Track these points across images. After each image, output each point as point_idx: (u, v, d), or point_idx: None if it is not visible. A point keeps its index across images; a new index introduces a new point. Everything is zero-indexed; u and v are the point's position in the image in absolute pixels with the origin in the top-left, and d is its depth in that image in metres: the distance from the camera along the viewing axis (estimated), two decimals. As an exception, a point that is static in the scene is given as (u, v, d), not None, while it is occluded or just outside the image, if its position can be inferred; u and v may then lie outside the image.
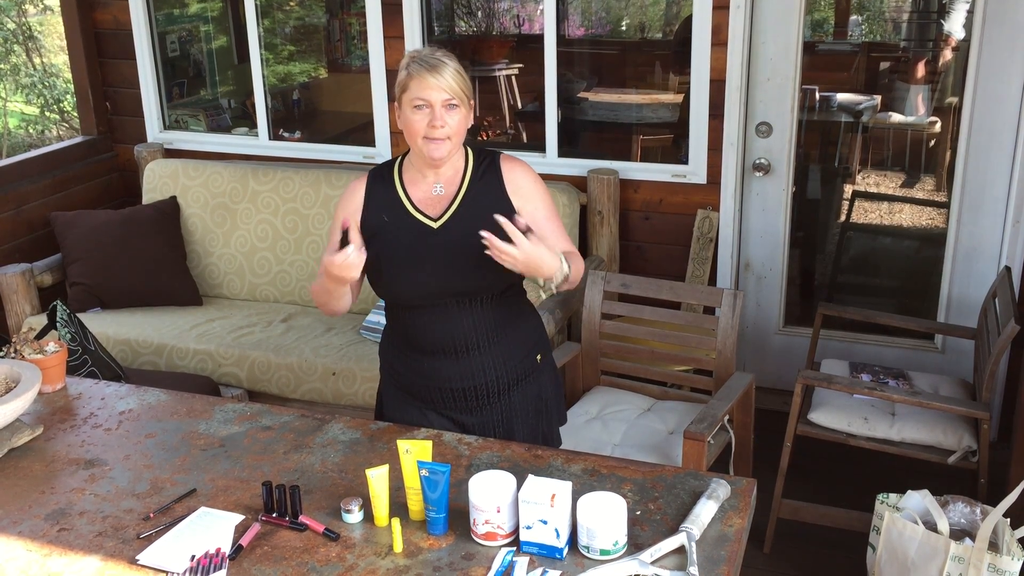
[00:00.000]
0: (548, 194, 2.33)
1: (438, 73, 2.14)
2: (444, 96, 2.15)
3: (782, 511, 3.20)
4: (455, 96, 2.16)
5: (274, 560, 1.80)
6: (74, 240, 4.21)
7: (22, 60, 8.71)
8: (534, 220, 2.21)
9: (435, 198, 2.27)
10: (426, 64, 2.15)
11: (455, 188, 2.27)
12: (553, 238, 2.22)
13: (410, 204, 2.27)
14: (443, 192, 2.27)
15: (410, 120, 2.19)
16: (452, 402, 2.33)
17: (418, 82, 2.15)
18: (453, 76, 2.16)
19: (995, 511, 2.45)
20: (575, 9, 4.49)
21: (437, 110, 2.15)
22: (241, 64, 4.72)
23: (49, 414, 2.38)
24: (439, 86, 2.14)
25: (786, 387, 3.83)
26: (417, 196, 2.28)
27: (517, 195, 2.27)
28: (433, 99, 2.15)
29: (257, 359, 3.71)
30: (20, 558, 1.84)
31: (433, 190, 2.28)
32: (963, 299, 3.82)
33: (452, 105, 2.16)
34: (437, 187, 2.28)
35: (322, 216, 4.16)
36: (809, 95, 3.98)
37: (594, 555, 1.78)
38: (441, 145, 2.18)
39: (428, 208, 2.27)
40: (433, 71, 2.14)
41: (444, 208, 2.26)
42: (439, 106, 2.15)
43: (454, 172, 2.29)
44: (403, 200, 2.28)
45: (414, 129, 2.19)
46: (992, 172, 3.66)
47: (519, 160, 2.35)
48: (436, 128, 2.16)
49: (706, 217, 3.94)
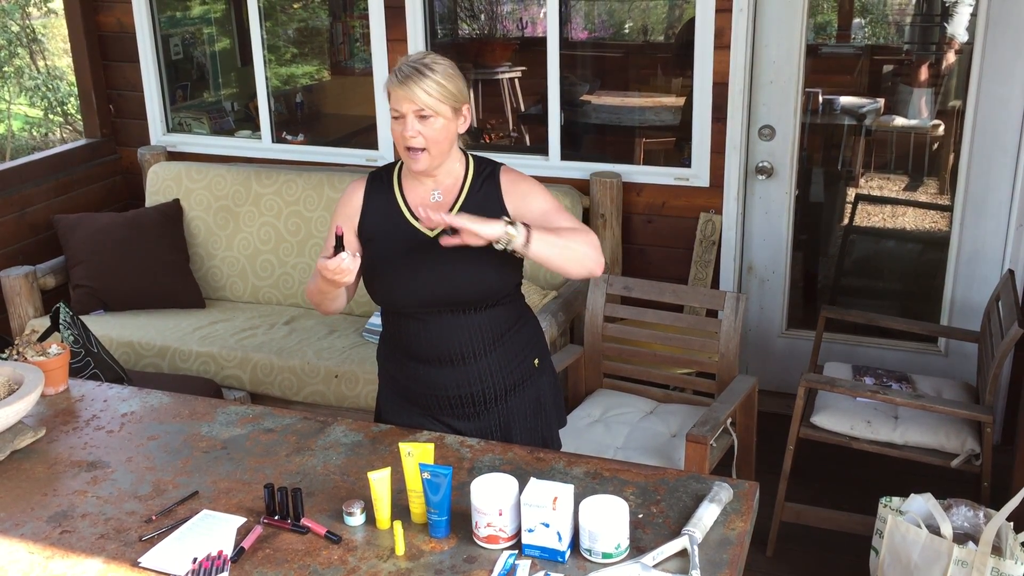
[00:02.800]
0: (547, 192, 2.29)
1: (407, 84, 2.11)
2: (414, 107, 2.12)
3: (785, 514, 3.19)
4: (425, 107, 2.12)
5: (276, 563, 1.80)
6: (77, 243, 4.22)
7: (26, 63, 8.73)
8: (534, 213, 2.19)
9: (433, 206, 2.25)
10: (400, 74, 2.13)
11: (453, 197, 2.26)
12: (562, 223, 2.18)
13: (408, 211, 2.26)
14: (441, 200, 2.26)
15: (393, 129, 2.19)
16: (449, 409, 2.32)
17: (393, 92, 2.14)
18: (427, 87, 2.11)
19: (999, 514, 2.44)
20: (578, 12, 4.49)
21: (408, 120, 2.13)
22: (244, 67, 4.72)
23: (52, 416, 2.38)
24: (407, 97, 2.11)
25: (789, 390, 3.83)
26: (415, 203, 2.26)
27: (516, 202, 2.25)
28: (403, 109, 2.13)
29: (260, 361, 3.72)
30: (22, 560, 1.84)
31: (431, 197, 2.26)
32: (966, 302, 3.82)
33: (424, 116, 2.13)
34: (435, 194, 2.26)
35: (324, 219, 4.17)
36: (812, 98, 3.98)
37: (596, 558, 1.77)
38: (418, 156, 2.16)
39: None
40: (405, 81, 2.11)
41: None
42: (410, 116, 2.13)
43: (453, 180, 2.27)
44: (401, 207, 2.27)
45: (396, 140, 2.19)
46: (995, 175, 3.65)
47: (519, 172, 2.32)
48: (408, 139, 2.14)
49: (709, 220, 3.94)
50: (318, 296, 2.25)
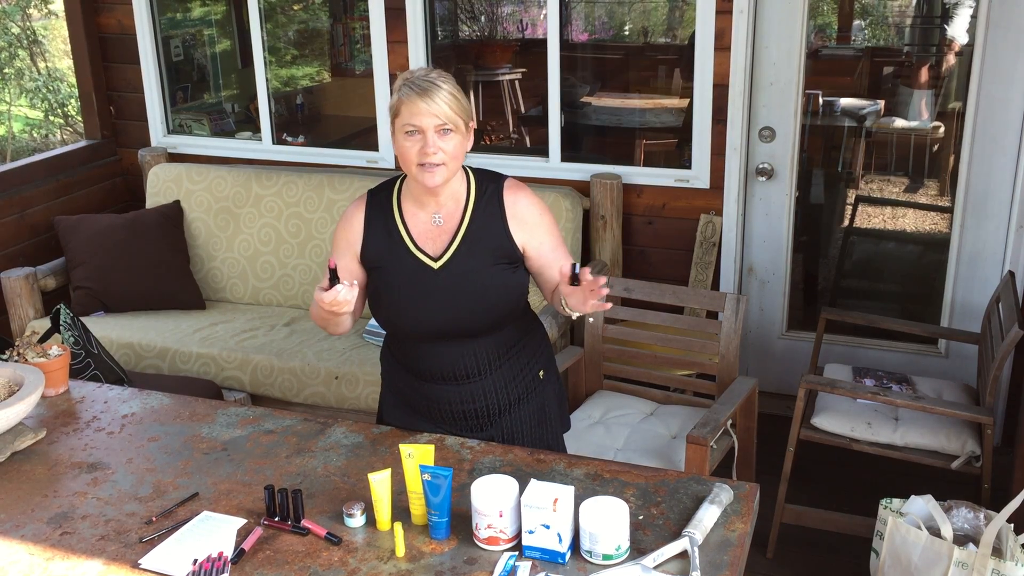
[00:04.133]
0: (552, 221, 2.25)
1: (429, 97, 2.03)
2: (436, 121, 2.04)
3: (785, 516, 3.19)
4: (448, 121, 2.05)
5: (276, 564, 1.80)
6: (78, 244, 4.22)
7: (26, 64, 8.72)
8: (541, 252, 2.19)
9: (435, 231, 2.19)
10: (417, 87, 2.04)
11: (456, 221, 2.19)
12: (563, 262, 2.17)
13: (410, 241, 2.19)
14: (443, 224, 2.19)
15: (402, 147, 2.09)
16: (453, 422, 2.31)
17: (408, 107, 2.05)
18: (446, 100, 2.04)
19: (999, 516, 2.44)
20: (578, 14, 4.49)
21: (429, 136, 2.05)
22: (245, 68, 4.72)
23: (52, 417, 2.38)
24: (430, 111, 2.03)
25: (789, 391, 3.83)
26: (417, 231, 2.20)
27: (521, 230, 2.19)
28: (424, 125, 2.04)
29: (260, 363, 3.72)
30: (22, 562, 1.84)
31: (433, 220, 2.19)
32: (967, 304, 3.82)
33: (446, 130, 2.06)
34: (436, 218, 2.19)
35: (325, 220, 4.17)
36: (812, 100, 3.98)
37: (596, 560, 1.77)
38: (436, 172, 2.08)
39: (428, 244, 2.19)
40: (424, 95, 2.03)
41: (445, 245, 2.18)
42: (431, 131, 2.05)
43: (455, 204, 2.20)
44: (403, 235, 2.20)
45: (407, 157, 2.09)
46: (996, 177, 3.65)
47: (523, 188, 2.25)
48: (428, 155, 2.05)
49: (709, 222, 3.94)
50: (322, 322, 2.21)
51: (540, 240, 2.21)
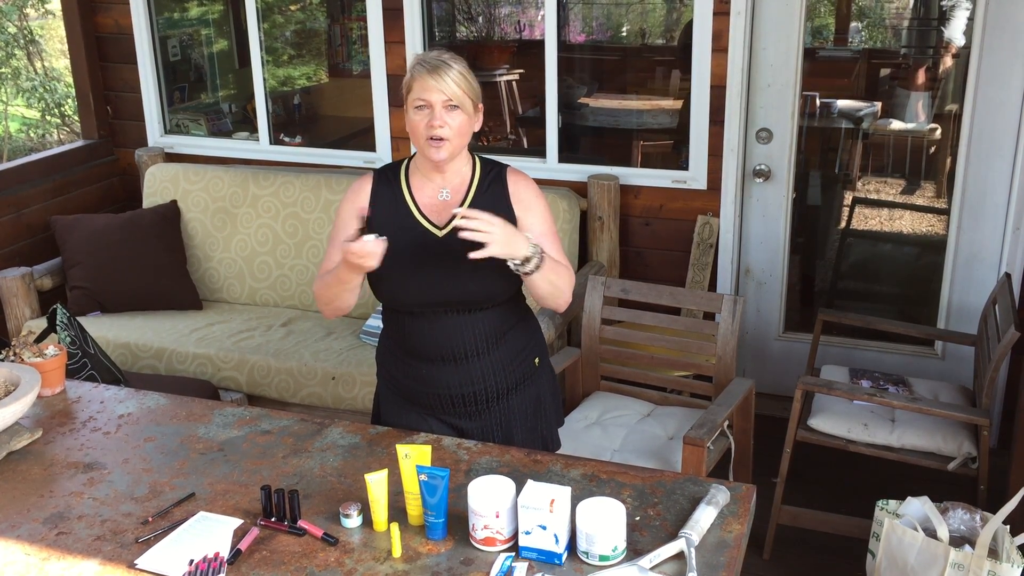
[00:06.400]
0: (549, 211, 2.33)
1: (438, 74, 2.15)
2: (443, 97, 2.15)
3: (782, 517, 3.20)
4: (455, 98, 2.16)
5: (273, 565, 1.80)
6: (74, 244, 4.21)
7: (23, 64, 8.71)
8: (532, 232, 2.21)
9: (441, 204, 2.27)
10: (428, 65, 2.16)
11: (461, 196, 2.27)
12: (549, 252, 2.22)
13: (416, 209, 2.27)
14: (449, 199, 2.27)
15: (412, 121, 2.20)
16: (451, 408, 2.33)
17: (419, 83, 2.17)
18: (455, 78, 2.16)
19: (995, 518, 2.45)
20: (576, 15, 4.49)
21: (437, 110, 2.15)
22: (242, 68, 4.72)
23: (48, 417, 2.38)
24: (437, 87, 2.15)
25: (786, 393, 3.83)
26: (423, 201, 2.28)
27: (520, 209, 2.28)
28: (433, 99, 2.15)
29: (257, 363, 3.71)
30: (18, 562, 1.84)
31: (440, 195, 2.27)
32: (963, 305, 3.82)
33: (453, 106, 2.17)
34: (443, 192, 2.27)
35: (322, 220, 4.17)
36: (809, 101, 3.99)
37: (593, 560, 1.77)
38: (441, 146, 2.18)
39: (434, 215, 2.27)
40: (434, 72, 2.15)
41: (450, 216, 2.24)
42: (439, 106, 2.15)
43: (461, 180, 2.29)
44: (409, 204, 2.28)
45: (417, 130, 2.19)
46: (992, 179, 3.66)
47: (525, 174, 2.35)
48: (435, 128, 2.16)
49: (706, 223, 3.94)
50: (335, 287, 2.22)
51: (531, 223, 2.27)
